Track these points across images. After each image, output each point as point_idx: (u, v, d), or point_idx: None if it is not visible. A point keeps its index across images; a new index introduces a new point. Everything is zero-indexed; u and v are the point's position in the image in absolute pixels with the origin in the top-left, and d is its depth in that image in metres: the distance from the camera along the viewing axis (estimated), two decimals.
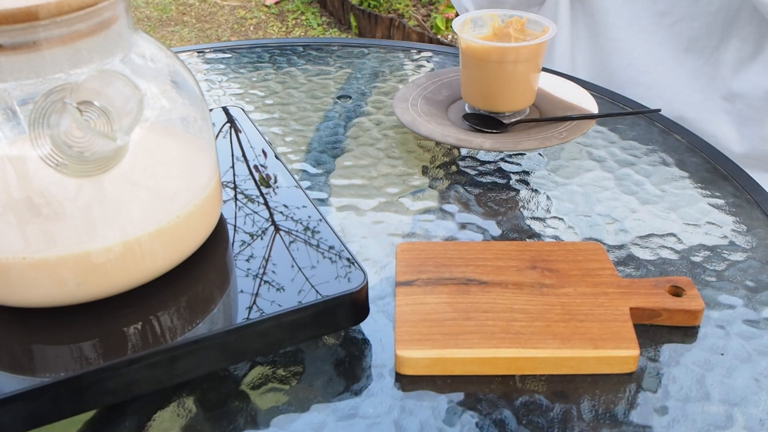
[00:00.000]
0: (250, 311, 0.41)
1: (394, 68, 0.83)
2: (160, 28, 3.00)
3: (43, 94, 0.36)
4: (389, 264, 0.52)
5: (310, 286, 0.43)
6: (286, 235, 0.47)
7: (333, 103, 0.75)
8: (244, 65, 0.84)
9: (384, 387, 0.43)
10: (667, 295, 0.47)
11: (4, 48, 0.36)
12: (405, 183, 0.62)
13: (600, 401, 0.42)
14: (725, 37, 0.77)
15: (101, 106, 0.37)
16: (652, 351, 0.45)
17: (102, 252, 0.40)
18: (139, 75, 0.41)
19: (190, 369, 0.41)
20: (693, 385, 0.43)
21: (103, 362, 0.38)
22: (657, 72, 0.82)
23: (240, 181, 0.53)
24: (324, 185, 0.62)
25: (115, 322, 0.41)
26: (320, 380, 0.43)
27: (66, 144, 0.37)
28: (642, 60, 0.82)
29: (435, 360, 0.43)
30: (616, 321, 0.44)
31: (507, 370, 0.43)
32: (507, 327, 0.44)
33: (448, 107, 0.71)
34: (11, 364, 0.39)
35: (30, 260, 0.39)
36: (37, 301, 0.41)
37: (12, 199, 0.40)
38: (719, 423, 0.41)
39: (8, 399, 0.36)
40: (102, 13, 0.38)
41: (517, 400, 0.42)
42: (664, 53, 0.81)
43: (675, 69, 0.81)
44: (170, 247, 0.42)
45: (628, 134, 0.69)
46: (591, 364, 0.43)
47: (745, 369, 0.44)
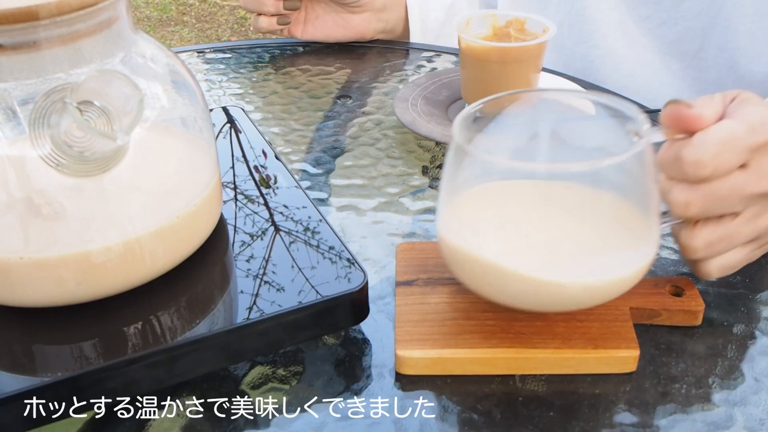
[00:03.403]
0: (250, 311, 0.41)
1: (394, 68, 0.83)
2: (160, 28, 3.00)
3: (44, 94, 0.37)
4: (389, 264, 0.52)
5: (310, 286, 0.43)
6: (286, 235, 0.47)
7: (333, 103, 0.75)
8: (244, 65, 0.84)
9: (384, 387, 0.43)
10: (667, 295, 0.47)
11: (5, 48, 0.36)
12: (405, 183, 0.62)
13: (600, 401, 0.42)
14: (705, 44, 0.78)
15: (101, 106, 0.37)
16: (652, 351, 0.45)
17: (102, 252, 0.40)
18: (139, 75, 0.41)
19: (190, 369, 0.41)
20: (693, 385, 0.43)
21: (103, 362, 0.38)
22: (642, 75, 0.83)
23: (240, 181, 0.53)
24: (324, 185, 0.62)
25: (115, 322, 0.41)
26: (320, 380, 0.43)
27: (66, 144, 0.37)
28: (627, 64, 0.83)
29: (435, 360, 0.43)
30: (616, 321, 0.44)
31: (507, 369, 0.43)
32: (507, 327, 0.44)
33: (448, 107, 0.71)
34: (11, 364, 0.39)
35: (30, 260, 0.39)
36: (37, 301, 0.41)
37: (12, 198, 0.40)
38: (719, 423, 0.41)
39: (8, 399, 0.36)
40: (102, 13, 0.38)
41: (518, 399, 0.42)
42: (648, 56, 0.82)
43: (659, 72, 0.82)
44: (170, 247, 0.42)
45: None
46: (591, 364, 0.43)
47: (745, 369, 0.44)
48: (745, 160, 0.42)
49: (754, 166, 0.42)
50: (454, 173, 0.41)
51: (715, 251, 0.44)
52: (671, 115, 0.42)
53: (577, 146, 0.46)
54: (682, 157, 0.41)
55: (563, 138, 0.46)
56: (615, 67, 0.84)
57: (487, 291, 0.42)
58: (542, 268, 0.40)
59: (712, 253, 0.44)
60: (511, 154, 0.46)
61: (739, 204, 0.42)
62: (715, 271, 0.45)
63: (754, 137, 0.41)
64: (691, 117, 0.42)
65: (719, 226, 0.43)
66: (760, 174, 0.42)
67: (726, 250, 0.44)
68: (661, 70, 0.82)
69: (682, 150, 0.41)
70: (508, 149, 0.46)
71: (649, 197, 0.41)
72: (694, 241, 0.43)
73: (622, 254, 0.41)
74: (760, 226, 0.44)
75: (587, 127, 0.45)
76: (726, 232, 0.43)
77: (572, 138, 0.46)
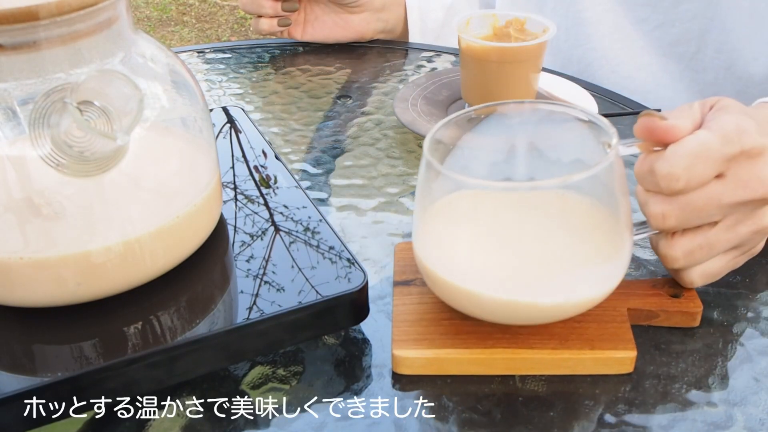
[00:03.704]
0: (250, 311, 0.41)
1: (394, 68, 0.83)
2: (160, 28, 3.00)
3: (44, 94, 0.37)
4: (389, 264, 0.52)
5: (310, 286, 0.43)
6: (286, 235, 0.47)
7: (333, 103, 0.75)
8: (244, 65, 0.84)
9: (384, 387, 0.43)
10: (665, 296, 0.46)
11: (5, 48, 0.36)
12: (405, 183, 0.62)
13: (600, 401, 0.42)
14: (702, 46, 0.78)
15: (101, 105, 0.37)
16: (652, 350, 0.45)
17: (102, 252, 0.40)
18: (139, 75, 0.41)
19: (190, 369, 0.41)
20: (693, 386, 0.43)
21: (103, 362, 0.38)
22: (640, 77, 0.83)
23: (240, 181, 0.53)
24: (324, 185, 0.62)
25: (115, 322, 0.41)
26: (320, 380, 0.43)
27: (66, 144, 0.37)
28: (624, 66, 0.83)
29: (431, 360, 0.43)
30: (614, 322, 0.44)
31: (504, 370, 0.43)
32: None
33: (448, 107, 0.71)
34: (11, 364, 0.39)
35: (30, 260, 0.39)
36: (37, 301, 0.41)
37: (12, 198, 0.40)
38: (719, 423, 0.41)
39: (8, 399, 0.36)
40: (102, 13, 0.38)
41: (518, 399, 0.42)
42: (646, 59, 0.82)
43: (657, 74, 0.82)
44: (170, 247, 0.42)
45: (628, 134, 0.69)
46: (588, 365, 0.43)
47: (745, 369, 0.44)
48: (721, 170, 0.41)
49: (731, 176, 0.41)
50: (424, 189, 0.42)
51: (695, 260, 0.44)
52: (645, 127, 0.42)
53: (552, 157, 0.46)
54: (654, 170, 0.41)
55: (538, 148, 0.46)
56: (612, 69, 0.84)
57: (463, 308, 0.43)
58: (511, 290, 0.40)
59: (692, 262, 0.44)
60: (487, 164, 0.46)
61: (718, 213, 0.42)
62: (698, 279, 0.45)
63: (729, 147, 0.40)
64: (664, 129, 0.41)
65: (698, 235, 0.43)
66: (737, 183, 0.41)
67: (706, 258, 0.44)
68: (658, 72, 0.82)
69: (655, 163, 0.41)
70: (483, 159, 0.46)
71: (620, 210, 0.41)
72: (672, 250, 0.43)
73: (593, 271, 0.42)
74: (740, 234, 0.43)
75: (562, 136, 0.45)
76: (705, 240, 0.43)
77: (547, 148, 0.46)
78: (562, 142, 0.45)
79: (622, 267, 0.42)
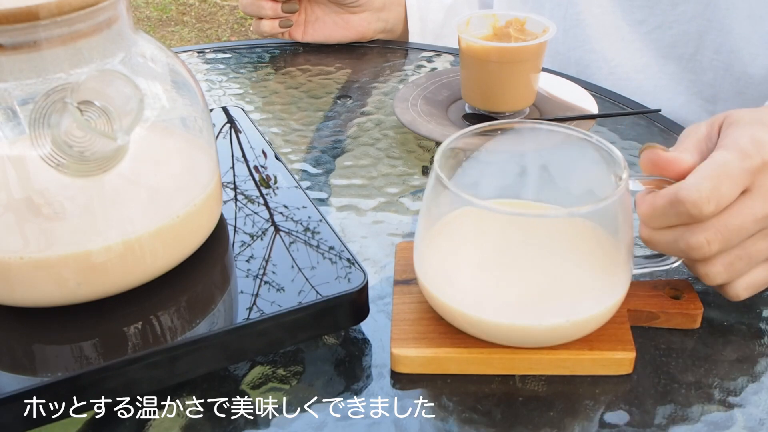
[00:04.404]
0: (250, 311, 0.41)
1: (394, 68, 0.83)
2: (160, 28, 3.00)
3: (44, 94, 0.37)
4: (389, 264, 0.52)
5: (310, 286, 0.43)
6: (286, 235, 0.47)
7: (333, 103, 0.75)
8: (244, 65, 0.84)
9: (384, 387, 0.43)
10: (665, 298, 0.46)
11: (5, 48, 0.36)
12: (405, 183, 0.62)
13: (600, 401, 0.42)
14: (701, 48, 0.78)
15: (101, 105, 0.37)
16: (652, 351, 0.45)
17: (102, 252, 0.40)
18: (139, 75, 0.41)
19: (190, 369, 0.41)
20: (693, 386, 0.43)
21: (103, 362, 0.38)
22: (638, 79, 0.83)
23: (240, 181, 0.53)
24: (324, 185, 0.62)
25: (115, 322, 0.41)
26: (320, 380, 0.43)
27: (66, 144, 0.37)
28: (623, 68, 0.83)
29: (430, 359, 0.43)
30: (613, 323, 0.44)
31: (503, 369, 0.43)
32: None
33: (448, 107, 0.71)
34: (11, 364, 0.39)
35: (30, 260, 0.39)
36: (37, 301, 0.41)
37: (12, 198, 0.40)
38: (719, 423, 0.41)
39: (8, 399, 0.36)
40: (102, 13, 0.38)
41: (518, 399, 0.42)
42: (644, 60, 0.82)
43: (656, 75, 0.82)
44: (170, 247, 0.42)
45: (628, 134, 0.69)
46: (587, 365, 0.43)
47: (744, 369, 0.44)
48: (746, 185, 0.41)
49: (757, 189, 0.41)
50: (431, 203, 0.42)
51: (736, 271, 0.43)
52: (649, 160, 0.43)
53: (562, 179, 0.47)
54: (681, 200, 0.40)
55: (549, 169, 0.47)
56: (611, 71, 0.84)
57: (461, 327, 0.43)
58: (511, 314, 0.41)
59: (734, 274, 0.43)
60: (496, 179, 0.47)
61: (755, 227, 0.42)
62: (743, 292, 0.45)
63: (748, 162, 0.41)
64: (668, 160, 0.42)
65: (735, 246, 0.43)
66: (765, 195, 0.41)
67: (747, 269, 0.44)
68: (657, 74, 0.82)
69: (679, 192, 0.40)
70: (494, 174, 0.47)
71: (621, 237, 0.41)
72: (713, 266, 0.43)
73: (594, 295, 0.42)
74: None
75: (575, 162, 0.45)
76: (743, 251, 0.43)
77: (558, 171, 0.47)
78: (574, 168, 0.46)
79: (621, 293, 0.43)
